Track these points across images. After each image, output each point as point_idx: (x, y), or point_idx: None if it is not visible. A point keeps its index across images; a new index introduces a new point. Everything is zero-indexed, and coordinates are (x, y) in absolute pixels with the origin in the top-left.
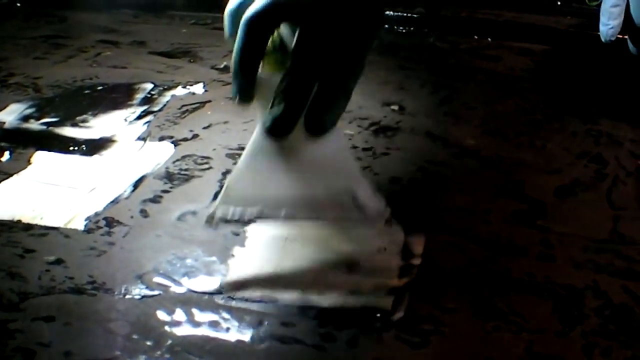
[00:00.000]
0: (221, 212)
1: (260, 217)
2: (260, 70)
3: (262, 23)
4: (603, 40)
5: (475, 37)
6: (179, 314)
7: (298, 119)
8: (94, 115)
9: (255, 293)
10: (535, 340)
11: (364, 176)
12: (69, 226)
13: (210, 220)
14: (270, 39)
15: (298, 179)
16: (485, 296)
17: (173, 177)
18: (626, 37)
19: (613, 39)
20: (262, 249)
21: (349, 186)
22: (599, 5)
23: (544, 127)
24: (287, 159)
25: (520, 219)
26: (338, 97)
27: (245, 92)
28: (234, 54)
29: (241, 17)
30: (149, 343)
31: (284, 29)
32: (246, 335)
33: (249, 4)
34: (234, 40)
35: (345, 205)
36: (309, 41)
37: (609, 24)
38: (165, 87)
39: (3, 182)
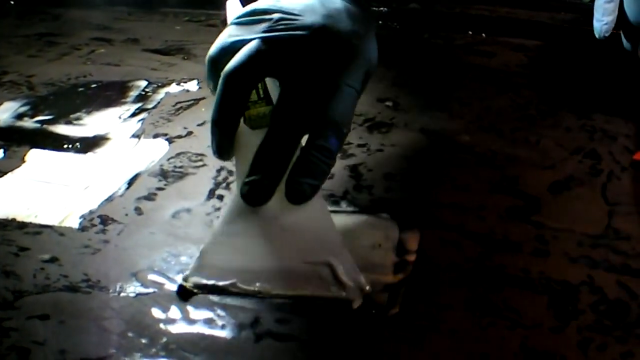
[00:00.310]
0: (193, 282)
1: (233, 289)
2: (241, 122)
3: (242, 78)
4: (597, 36)
5: (470, 32)
6: (174, 312)
7: (276, 186)
8: (88, 112)
9: (248, 290)
10: (530, 336)
11: (344, 247)
12: (63, 224)
13: (182, 291)
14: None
15: (275, 249)
16: (480, 292)
17: (167, 175)
18: (620, 32)
19: (607, 34)
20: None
21: (329, 259)
22: (592, 1)
23: (538, 122)
24: (264, 225)
25: (515, 215)
26: (321, 160)
27: (224, 148)
28: (213, 108)
29: (222, 65)
30: (143, 341)
31: (268, 79)
32: (241, 333)
33: (231, 51)
34: (214, 88)
35: (324, 279)
36: (289, 102)
37: (602, 20)
38: (159, 84)
39: None
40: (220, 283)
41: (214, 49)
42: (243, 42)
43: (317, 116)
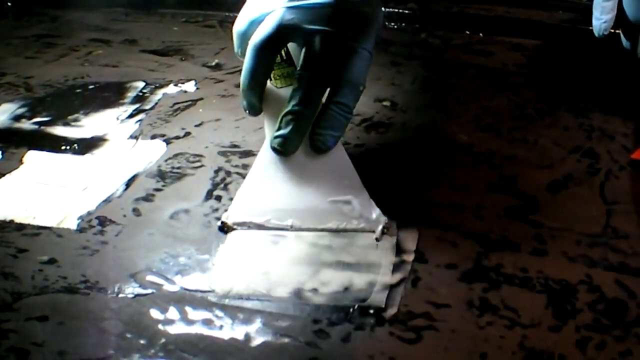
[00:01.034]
0: (233, 220)
1: (268, 225)
2: (267, 82)
3: (268, 48)
4: (596, 34)
5: (467, 32)
6: (172, 313)
7: (302, 139)
8: (86, 114)
9: (247, 292)
10: (528, 335)
11: (362, 186)
12: (61, 226)
13: (224, 226)
14: None
15: (303, 192)
16: (478, 291)
17: (165, 176)
18: (619, 31)
19: (606, 33)
20: (253, 246)
21: (350, 197)
22: (591, 0)
23: (536, 122)
24: (292, 172)
25: (513, 214)
26: (341, 115)
27: (255, 107)
28: (243, 74)
29: (249, 35)
30: (142, 342)
31: (290, 44)
32: (239, 333)
33: (258, 22)
34: (242, 55)
35: (346, 214)
36: (312, 64)
37: (601, 19)
38: (157, 85)
39: None
40: (257, 220)
41: (242, 23)
42: (268, 13)
43: (336, 76)
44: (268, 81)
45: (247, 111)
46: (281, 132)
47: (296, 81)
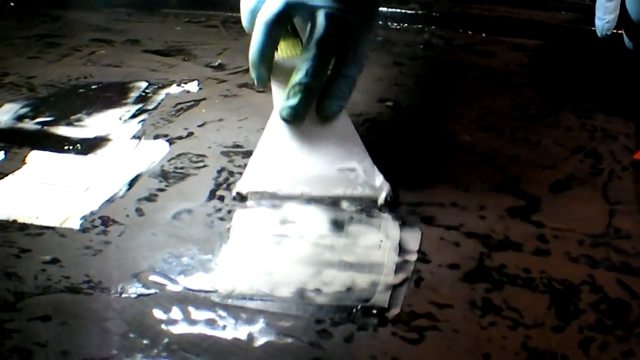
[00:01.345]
0: (247, 189)
1: (280, 193)
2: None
3: (276, 23)
4: (599, 34)
5: (469, 32)
6: (175, 313)
7: (310, 107)
8: (89, 114)
9: (250, 292)
10: (531, 336)
11: (366, 154)
12: (64, 225)
13: (239, 197)
14: None
15: (311, 160)
16: (481, 292)
17: (168, 176)
18: (621, 31)
19: (609, 33)
20: (256, 246)
21: (355, 165)
22: (593, 0)
23: (538, 122)
24: (301, 141)
25: (516, 215)
26: (346, 86)
27: (264, 78)
28: (252, 48)
29: (258, 11)
30: (145, 342)
31: (296, 18)
32: (242, 333)
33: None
34: (251, 32)
35: (352, 182)
36: (318, 39)
37: (604, 19)
38: (160, 85)
39: None
40: (269, 190)
41: (250, 3)
42: None
43: (341, 50)
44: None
45: (257, 83)
46: (290, 102)
47: (303, 53)
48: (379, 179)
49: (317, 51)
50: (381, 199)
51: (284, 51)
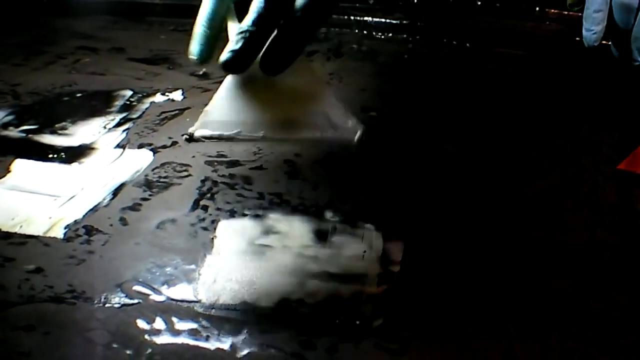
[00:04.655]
0: (200, 134)
1: (239, 137)
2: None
3: None
4: (586, 45)
5: (454, 42)
6: (159, 323)
7: (255, 57)
8: (73, 122)
9: (233, 302)
10: (514, 346)
11: (336, 99)
12: (48, 235)
13: (189, 138)
14: None
15: (274, 104)
16: (464, 302)
17: (152, 185)
18: (609, 43)
19: (597, 44)
20: (239, 256)
21: (323, 108)
22: (580, 11)
23: (522, 132)
24: (263, 87)
25: (499, 225)
26: (293, 42)
27: (204, 52)
28: (199, 15)
29: None
30: (128, 352)
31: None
32: (225, 344)
33: None
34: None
35: (320, 125)
36: None
37: (592, 30)
38: (144, 94)
39: None
40: (226, 133)
41: None
42: None
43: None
44: (231, 19)
45: (195, 57)
46: (231, 47)
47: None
48: (351, 121)
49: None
50: (355, 141)
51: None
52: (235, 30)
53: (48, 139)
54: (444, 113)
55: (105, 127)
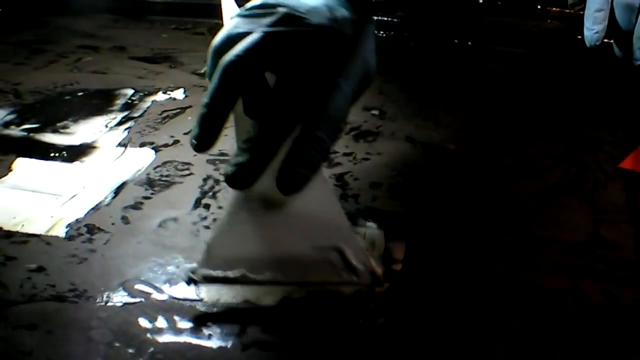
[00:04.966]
0: (202, 274)
1: (243, 279)
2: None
3: (240, 69)
4: (588, 45)
5: (455, 41)
6: (161, 322)
7: (262, 171)
8: (75, 121)
9: (235, 301)
10: (516, 344)
11: (352, 231)
12: (50, 233)
13: (191, 280)
14: None
15: (282, 236)
16: (465, 301)
17: (154, 184)
18: (611, 41)
19: (598, 43)
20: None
21: (338, 243)
22: (581, 10)
23: (524, 131)
24: (270, 212)
25: (501, 223)
26: (315, 151)
27: (208, 137)
28: (205, 96)
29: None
30: (130, 351)
31: (268, 75)
32: (228, 342)
33: (236, 42)
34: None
35: (334, 265)
36: (286, 89)
37: (593, 29)
38: (146, 92)
39: None
40: (230, 274)
41: (218, 38)
42: (248, 34)
43: (314, 108)
44: (241, 110)
45: (195, 143)
46: (237, 159)
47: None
48: (368, 262)
49: (279, 104)
50: (372, 286)
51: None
52: (243, 128)
53: (49, 137)
54: (446, 111)
55: (106, 126)
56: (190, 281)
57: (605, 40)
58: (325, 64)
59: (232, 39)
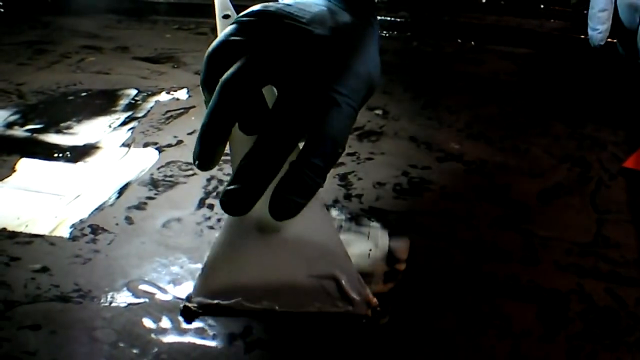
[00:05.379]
0: (197, 302)
1: (238, 307)
2: (237, 128)
3: (240, 86)
4: (592, 45)
5: (459, 40)
6: (165, 322)
7: (258, 197)
8: (78, 121)
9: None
10: (520, 344)
11: (348, 259)
12: (54, 234)
13: (186, 312)
14: None
15: (278, 263)
16: (469, 301)
17: (157, 184)
18: (615, 40)
19: (602, 43)
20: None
21: (334, 272)
22: (583, 9)
23: (527, 130)
24: (265, 239)
25: (504, 223)
26: (310, 179)
27: (210, 157)
28: (205, 116)
29: (221, 65)
30: (135, 351)
31: (268, 92)
32: (232, 343)
33: (232, 53)
34: (209, 93)
35: (330, 294)
36: (284, 111)
37: (597, 29)
38: (149, 92)
39: None
40: (225, 302)
41: (213, 47)
42: (245, 46)
43: (312, 130)
44: (236, 129)
45: (197, 162)
46: (232, 186)
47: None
48: (364, 292)
49: (278, 127)
50: (366, 315)
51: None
52: (240, 151)
53: (53, 138)
54: (449, 111)
55: (110, 126)
56: (185, 312)
57: (610, 39)
58: (325, 80)
59: (228, 49)
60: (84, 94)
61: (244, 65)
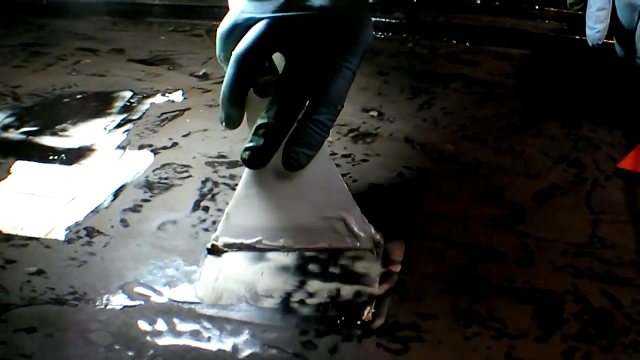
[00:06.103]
0: (223, 241)
1: (259, 245)
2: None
3: (252, 57)
4: (590, 44)
5: (454, 41)
6: (160, 324)
7: (275, 152)
8: (74, 124)
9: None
10: (515, 346)
11: (354, 202)
12: (49, 236)
13: (213, 249)
14: None
15: (293, 209)
16: (465, 302)
17: (153, 186)
18: (612, 41)
19: (600, 42)
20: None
21: (342, 214)
22: (580, 10)
23: (522, 131)
24: (281, 187)
25: (500, 224)
26: (317, 134)
27: (232, 119)
28: (224, 84)
29: (232, 39)
30: (130, 353)
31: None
32: (227, 345)
33: (242, 28)
34: (226, 61)
35: (340, 233)
36: (292, 77)
37: (595, 28)
38: (145, 95)
39: None
40: (247, 241)
41: (225, 25)
42: (254, 20)
43: (315, 92)
44: (251, 91)
45: (225, 124)
46: (252, 144)
47: (274, 93)
48: (368, 229)
49: (288, 91)
50: (372, 249)
51: (260, 88)
52: (255, 110)
53: (48, 140)
54: (444, 112)
55: (105, 129)
56: (212, 249)
57: (606, 40)
58: (328, 47)
59: (239, 25)
60: (79, 96)
61: (254, 37)
